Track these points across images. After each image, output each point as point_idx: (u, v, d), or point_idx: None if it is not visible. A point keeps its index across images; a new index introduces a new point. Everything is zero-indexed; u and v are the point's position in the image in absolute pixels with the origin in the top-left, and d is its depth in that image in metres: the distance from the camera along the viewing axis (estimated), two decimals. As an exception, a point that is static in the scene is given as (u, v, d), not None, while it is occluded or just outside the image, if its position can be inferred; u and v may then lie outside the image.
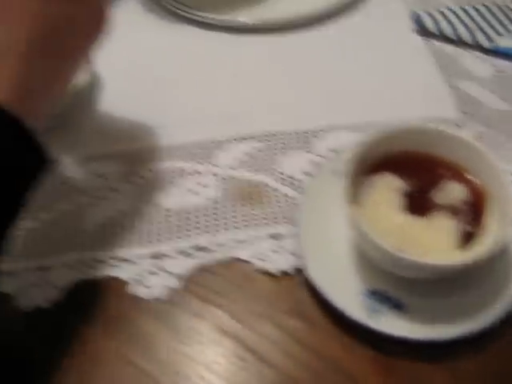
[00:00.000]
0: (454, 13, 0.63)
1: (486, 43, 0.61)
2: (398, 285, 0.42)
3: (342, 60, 0.61)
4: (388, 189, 0.43)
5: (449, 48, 0.62)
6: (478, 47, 0.61)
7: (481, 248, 0.39)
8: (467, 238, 0.40)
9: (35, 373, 0.41)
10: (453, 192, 0.42)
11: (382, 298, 0.42)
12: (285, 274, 0.45)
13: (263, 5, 0.64)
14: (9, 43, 0.33)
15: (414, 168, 0.43)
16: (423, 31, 0.63)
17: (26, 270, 0.45)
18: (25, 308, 0.44)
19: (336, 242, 0.45)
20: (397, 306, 0.41)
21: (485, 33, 0.61)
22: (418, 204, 0.42)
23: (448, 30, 0.61)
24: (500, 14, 0.64)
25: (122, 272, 0.45)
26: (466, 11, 0.64)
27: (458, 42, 0.62)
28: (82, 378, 0.41)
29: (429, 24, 0.62)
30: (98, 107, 0.44)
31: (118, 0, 0.62)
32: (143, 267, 0.45)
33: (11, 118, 0.33)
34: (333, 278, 0.43)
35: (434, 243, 0.40)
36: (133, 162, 0.52)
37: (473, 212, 0.42)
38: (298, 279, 0.44)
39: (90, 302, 0.44)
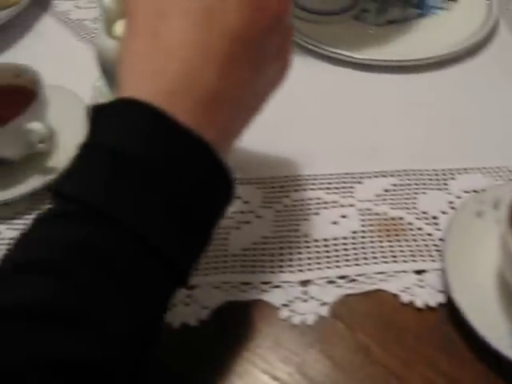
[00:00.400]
0: None
1: None
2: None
3: (468, 101, 0.62)
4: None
5: None
6: None
7: None
8: None
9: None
10: None
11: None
12: (429, 308, 0.46)
13: (391, 44, 0.67)
14: (223, 92, 0.37)
15: None
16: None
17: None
18: (174, 325, 0.45)
19: (483, 280, 0.46)
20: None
21: None
22: None
23: None
24: None
25: (270, 296, 0.47)
26: None
27: None
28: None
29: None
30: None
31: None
32: (292, 293, 0.47)
33: (217, 158, 0.36)
34: (483, 316, 0.44)
35: None
36: (274, 189, 0.54)
37: None
38: (443, 314, 0.46)
39: (239, 324, 0.46)
